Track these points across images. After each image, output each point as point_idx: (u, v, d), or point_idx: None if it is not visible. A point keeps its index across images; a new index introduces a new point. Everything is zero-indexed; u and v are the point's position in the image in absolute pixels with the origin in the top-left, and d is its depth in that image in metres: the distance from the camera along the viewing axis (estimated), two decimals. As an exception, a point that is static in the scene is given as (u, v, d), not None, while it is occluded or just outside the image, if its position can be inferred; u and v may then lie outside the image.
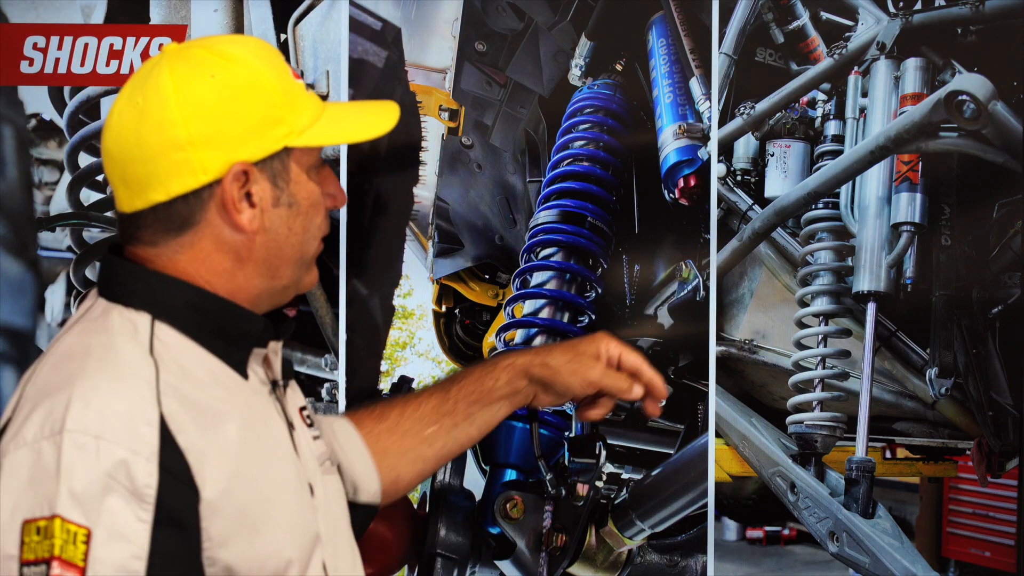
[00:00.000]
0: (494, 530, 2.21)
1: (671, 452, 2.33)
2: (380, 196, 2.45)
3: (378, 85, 2.44)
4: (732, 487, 2.33)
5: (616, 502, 2.26)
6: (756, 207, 2.30)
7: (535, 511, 2.16)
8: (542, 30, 2.40)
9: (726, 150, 2.30)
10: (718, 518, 2.32)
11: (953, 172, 2.20)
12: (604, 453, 2.13)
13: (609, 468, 2.32)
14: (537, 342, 2.36)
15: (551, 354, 1.55)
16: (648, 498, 2.27)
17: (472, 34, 2.43)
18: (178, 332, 1.22)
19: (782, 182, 2.30)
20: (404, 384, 2.44)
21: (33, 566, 1.06)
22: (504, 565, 2.20)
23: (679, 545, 2.32)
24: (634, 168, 2.39)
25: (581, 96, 2.40)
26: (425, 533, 2.13)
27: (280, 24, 2.52)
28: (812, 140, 2.31)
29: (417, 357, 2.50)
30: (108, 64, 2.55)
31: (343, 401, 2.44)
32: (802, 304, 2.30)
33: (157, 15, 2.57)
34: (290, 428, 1.33)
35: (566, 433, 2.33)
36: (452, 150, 2.46)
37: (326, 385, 2.47)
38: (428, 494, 2.24)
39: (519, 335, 2.40)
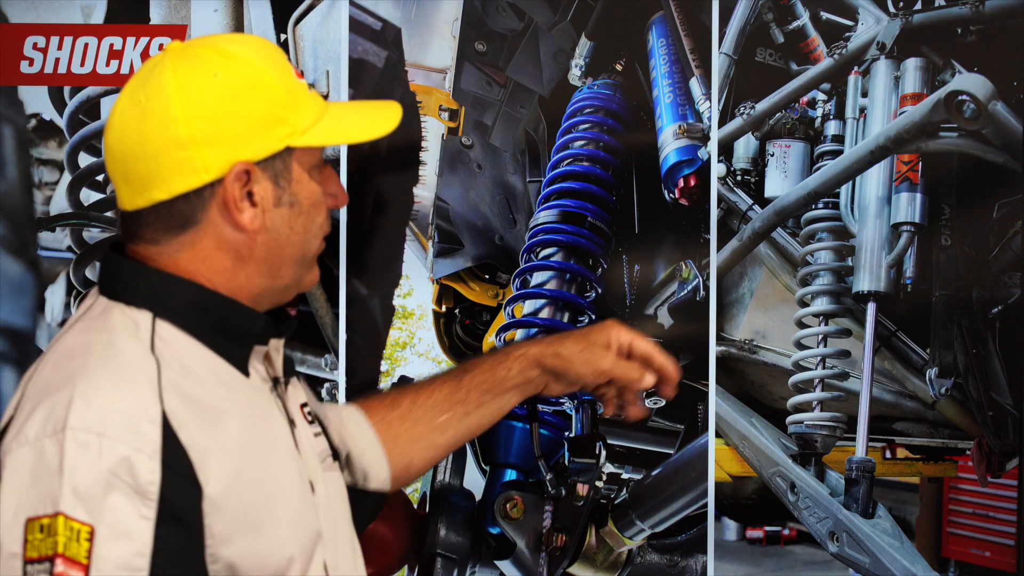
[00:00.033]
0: (494, 530, 2.21)
1: (671, 452, 2.33)
2: (380, 196, 2.45)
3: (378, 85, 2.44)
4: (732, 487, 2.32)
5: (616, 502, 2.26)
6: (756, 207, 2.30)
7: (535, 511, 2.16)
8: (542, 30, 2.40)
9: (726, 150, 2.30)
10: (718, 518, 2.32)
11: (953, 172, 2.20)
12: (604, 453, 2.14)
13: (609, 468, 2.32)
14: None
15: (563, 344, 1.55)
16: (648, 498, 2.27)
17: (472, 34, 2.43)
18: (179, 330, 1.22)
19: (782, 182, 2.30)
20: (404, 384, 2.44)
21: (37, 564, 1.06)
22: (504, 565, 2.19)
23: (679, 545, 2.32)
24: (634, 168, 2.39)
25: (581, 96, 2.40)
26: (425, 533, 2.13)
27: (280, 24, 2.52)
28: (812, 140, 2.31)
29: (417, 357, 2.49)
30: (108, 64, 2.55)
31: (343, 401, 2.44)
32: (802, 304, 2.30)
33: (157, 15, 2.57)
34: (291, 425, 1.33)
35: (566, 433, 2.33)
36: (452, 150, 2.46)
37: (326, 385, 2.47)
38: (428, 494, 2.24)
39: (519, 335, 2.40)
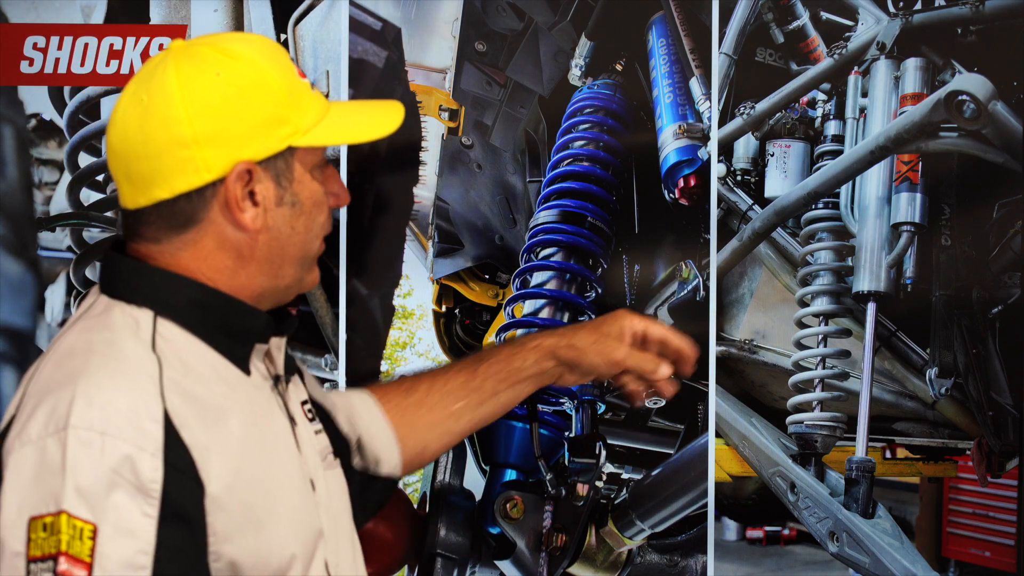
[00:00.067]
0: (494, 530, 2.21)
1: (671, 452, 2.33)
2: (380, 196, 2.45)
3: (378, 85, 2.44)
4: (732, 487, 2.32)
5: (616, 502, 2.26)
6: (756, 207, 2.30)
7: (535, 511, 2.16)
8: (542, 30, 2.40)
9: (726, 150, 2.30)
10: (718, 518, 2.32)
11: (953, 172, 2.20)
12: (604, 453, 2.14)
13: (609, 468, 2.32)
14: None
15: (576, 335, 1.56)
16: (648, 498, 2.27)
17: (472, 34, 2.43)
18: (180, 328, 1.22)
19: (782, 182, 2.30)
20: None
21: (40, 562, 1.07)
22: (504, 565, 2.19)
23: (679, 545, 2.32)
24: (634, 168, 2.39)
25: (581, 96, 2.40)
26: (425, 533, 2.13)
27: (280, 24, 2.52)
28: (812, 140, 2.31)
29: (417, 357, 2.49)
30: (108, 64, 2.55)
31: (343, 401, 2.44)
32: (802, 304, 2.30)
33: (157, 15, 2.57)
34: (292, 424, 1.33)
35: (566, 433, 2.33)
36: (452, 150, 2.46)
37: (326, 385, 2.47)
38: (428, 494, 2.24)
39: (519, 335, 2.40)
